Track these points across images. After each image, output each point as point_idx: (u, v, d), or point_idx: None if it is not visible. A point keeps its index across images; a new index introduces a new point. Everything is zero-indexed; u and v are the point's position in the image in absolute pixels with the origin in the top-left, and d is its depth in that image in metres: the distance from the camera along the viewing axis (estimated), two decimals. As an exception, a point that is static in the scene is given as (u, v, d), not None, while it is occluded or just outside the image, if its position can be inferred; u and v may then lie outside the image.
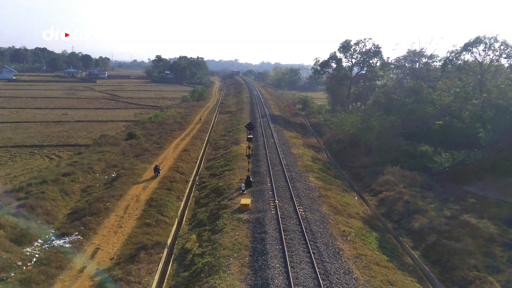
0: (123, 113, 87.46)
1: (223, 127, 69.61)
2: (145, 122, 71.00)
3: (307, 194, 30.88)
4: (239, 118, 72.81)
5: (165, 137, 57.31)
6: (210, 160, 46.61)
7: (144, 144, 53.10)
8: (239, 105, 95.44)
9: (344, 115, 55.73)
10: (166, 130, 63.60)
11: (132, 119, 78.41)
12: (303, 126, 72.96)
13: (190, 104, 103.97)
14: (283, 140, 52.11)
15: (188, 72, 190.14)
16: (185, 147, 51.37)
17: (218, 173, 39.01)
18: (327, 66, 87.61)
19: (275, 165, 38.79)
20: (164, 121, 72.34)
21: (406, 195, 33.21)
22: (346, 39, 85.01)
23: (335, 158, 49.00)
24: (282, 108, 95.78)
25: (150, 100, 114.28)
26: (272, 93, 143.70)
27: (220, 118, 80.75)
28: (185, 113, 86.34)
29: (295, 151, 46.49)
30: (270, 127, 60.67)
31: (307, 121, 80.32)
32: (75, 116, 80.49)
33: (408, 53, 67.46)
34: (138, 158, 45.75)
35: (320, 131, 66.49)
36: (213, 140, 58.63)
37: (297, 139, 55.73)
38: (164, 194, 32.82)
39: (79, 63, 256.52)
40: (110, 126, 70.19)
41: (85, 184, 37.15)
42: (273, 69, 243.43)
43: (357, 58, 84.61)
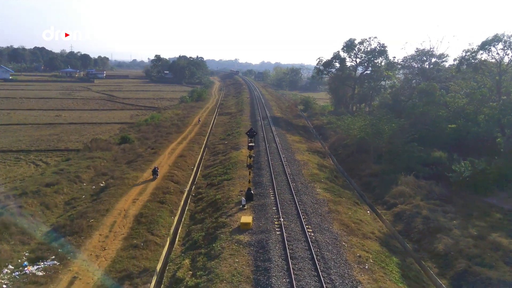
0: (119, 115, 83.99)
1: (223, 129, 66.17)
2: (141, 125, 67.57)
3: (315, 209, 27.44)
4: (239, 120, 69.38)
5: (160, 141, 53.88)
6: (208, 167, 43.17)
7: (138, 149, 49.67)
8: (239, 106, 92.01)
9: (351, 118, 52.31)
10: (162, 133, 60.17)
11: (128, 121, 74.94)
12: (306, 129, 69.52)
13: (188, 105, 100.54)
14: (286, 145, 48.69)
15: (187, 72, 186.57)
16: (182, 152, 47.95)
17: (216, 183, 35.57)
18: (330, 66, 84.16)
19: (278, 174, 35.36)
20: (160, 123, 68.92)
21: (425, 209, 29.77)
22: (350, 38, 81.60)
23: (342, 165, 45.56)
24: (283, 109, 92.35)
25: (147, 101, 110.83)
26: (273, 94, 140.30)
27: (220, 120, 77.32)
28: (183, 114, 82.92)
29: (299, 158, 43.05)
30: (272, 130, 57.24)
31: (310, 123, 76.90)
32: (69, 118, 77.01)
33: (416, 52, 64.04)
34: (130, 165, 42.32)
35: (324, 134, 63.05)
36: (212, 144, 55.20)
37: (301, 143, 52.29)
38: (155, 208, 29.39)
39: (78, 62, 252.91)
40: (104, 129, 66.72)
41: (70, 195, 33.71)
42: (274, 69, 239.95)
43: (361, 58, 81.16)
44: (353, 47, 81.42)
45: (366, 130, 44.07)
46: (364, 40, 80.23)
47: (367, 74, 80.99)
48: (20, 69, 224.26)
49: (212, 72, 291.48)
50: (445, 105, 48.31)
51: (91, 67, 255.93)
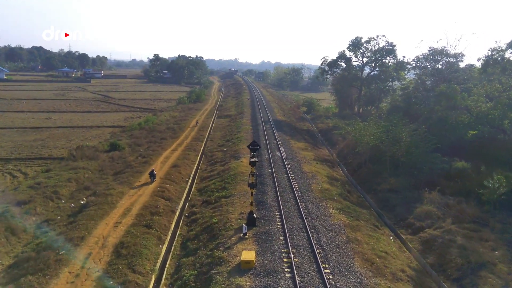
0: (112, 117, 79.18)
1: (221, 134, 61.38)
2: (134, 129, 62.72)
3: (332, 239, 22.68)
4: (239, 124, 64.61)
5: (153, 148, 49.09)
6: (204, 179, 38.39)
7: (128, 157, 44.91)
8: (239, 108, 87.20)
9: (362, 123, 47.59)
10: (156, 138, 55.38)
11: (121, 125, 70.15)
12: (310, 133, 64.72)
13: (186, 106, 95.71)
14: (291, 153, 43.92)
15: (186, 71, 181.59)
16: (176, 161, 43.17)
17: (213, 201, 30.80)
18: (335, 66, 79.41)
19: (284, 190, 30.60)
20: (155, 127, 64.12)
21: (458, 236, 25.04)
22: (357, 36, 76.95)
23: (353, 176, 40.79)
24: (285, 111, 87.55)
25: (144, 102, 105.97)
26: (274, 94, 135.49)
27: (218, 123, 72.52)
28: (180, 117, 78.14)
29: (307, 169, 38.27)
30: (275, 136, 52.48)
31: (314, 126, 72.12)
32: (58, 120, 72.22)
33: (430, 51, 59.28)
34: (117, 177, 37.55)
35: (331, 139, 58.27)
36: (209, 151, 50.42)
37: (307, 151, 47.52)
38: (140, 235, 24.62)
39: (75, 62, 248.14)
40: (94, 133, 61.90)
41: (44, 216, 28.97)
42: (274, 68, 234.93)
43: (368, 57, 76.44)
44: (360, 46, 76.75)
45: (381, 137, 39.24)
46: (372, 39, 75.59)
47: (374, 74, 76.24)
48: (17, 69, 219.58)
49: (212, 72, 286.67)
50: (466, 109, 43.56)
51: (89, 67, 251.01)
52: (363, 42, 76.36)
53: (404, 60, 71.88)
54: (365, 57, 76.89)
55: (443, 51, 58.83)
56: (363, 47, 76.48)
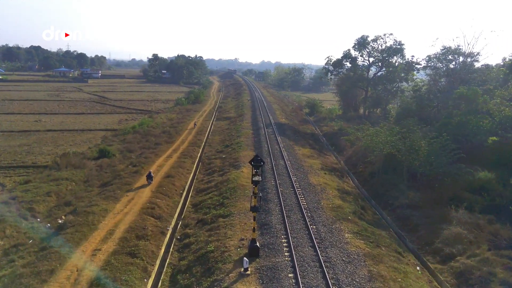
0: (106, 119, 75.17)
1: (220, 139, 57.36)
2: (127, 133, 58.71)
3: (351, 276, 18.68)
4: (239, 128, 60.59)
5: (146, 155, 45.06)
6: (200, 192, 34.37)
7: (118, 166, 40.93)
8: (239, 110, 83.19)
9: (374, 129, 43.63)
10: (150, 143, 51.38)
11: (114, 128, 66.14)
12: (315, 138, 60.70)
13: (184, 108, 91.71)
14: (296, 162, 39.91)
15: (185, 71, 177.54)
16: (170, 170, 39.15)
17: (209, 220, 26.79)
18: (340, 66, 75.38)
19: (291, 209, 26.59)
20: (149, 131, 60.08)
21: (498, 267, 21.04)
22: (363, 35, 72.93)
23: (365, 187, 36.79)
24: (287, 113, 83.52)
25: (140, 103, 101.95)
26: (275, 95, 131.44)
27: (217, 126, 68.51)
28: (177, 119, 74.13)
29: (315, 180, 34.25)
30: (278, 141, 48.46)
31: (318, 130, 68.10)
32: (49, 123, 68.20)
33: (443, 50, 55.24)
34: (103, 190, 33.54)
35: (338, 145, 54.27)
36: (207, 158, 46.40)
37: (313, 158, 43.50)
38: (122, 268, 20.61)
39: (73, 62, 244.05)
40: (85, 137, 57.89)
41: (13, 240, 24.88)
42: (275, 68, 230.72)
43: (375, 57, 72.42)
44: (366, 45, 72.72)
45: (396, 145, 35.16)
46: (378, 37, 71.60)
47: (381, 75, 72.22)
48: (14, 69, 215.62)
49: (212, 71, 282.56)
50: (487, 114, 39.57)
51: (87, 67, 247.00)
52: (369, 41, 72.38)
53: (413, 60, 67.88)
54: (371, 56, 72.92)
55: (456, 50, 54.82)
56: (369, 46, 72.50)
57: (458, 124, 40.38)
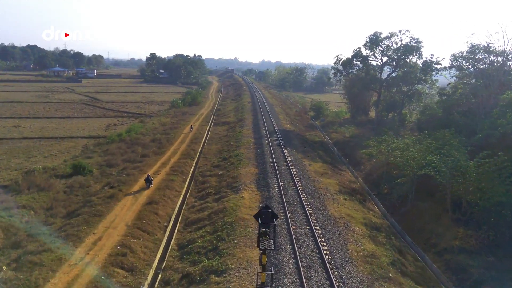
0: (92, 124, 67.81)
1: (217, 148, 49.99)
2: (112, 141, 51.36)
3: None
4: (239, 135, 53.21)
5: (129, 171, 37.71)
6: (189, 226, 27.00)
7: (93, 187, 33.58)
8: (239, 113, 75.79)
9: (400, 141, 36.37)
10: (135, 155, 44.05)
11: (100, 134, 58.80)
12: (325, 147, 53.32)
13: (179, 111, 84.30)
14: (309, 182, 32.54)
15: (183, 71, 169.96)
16: (154, 193, 31.83)
17: (197, 277, 19.37)
18: (350, 66, 67.96)
19: (311, 263, 19.14)
20: (138, 139, 52.70)
21: None
22: (375, 32, 65.42)
23: (395, 217, 29.41)
24: (292, 117, 76.14)
25: (133, 105, 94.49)
26: (277, 96, 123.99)
27: (215, 133, 61.12)
28: (171, 124, 66.78)
29: (334, 211, 26.89)
30: (284, 154, 41.07)
31: (327, 137, 60.70)
32: (27, 129, 60.83)
33: (471, 48, 47.81)
34: (66, 222, 26.23)
35: (352, 156, 46.97)
36: (201, 174, 38.99)
37: (327, 176, 36.13)
38: None
39: (70, 61, 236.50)
40: (64, 147, 50.52)
41: None
42: (276, 68, 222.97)
43: (389, 56, 64.99)
44: (379, 42, 65.27)
45: (438, 165, 27.61)
46: (393, 34, 64.07)
47: (396, 75, 64.79)
48: (8, 68, 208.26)
49: (211, 71, 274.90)
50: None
51: (84, 66, 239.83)
52: (382, 38, 64.91)
53: (432, 59, 60.40)
54: (385, 55, 65.45)
55: (487, 48, 47.30)
56: (383, 44, 65.05)
57: (503, 135, 33.04)
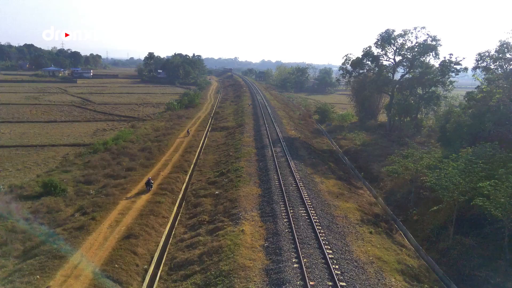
0: (79, 129, 61.85)
1: (214, 159, 44.06)
2: (96, 151, 45.44)
3: None
4: (239, 144, 47.30)
5: (109, 190, 31.78)
6: (175, 271, 21.00)
7: (63, 211, 27.79)
8: (239, 117, 69.86)
9: (430, 156, 30.52)
10: (120, 169, 38.17)
11: (85, 141, 52.86)
12: (335, 157, 47.43)
13: (176, 113, 78.39)
14: (323, 208, 26.57)
15: (181, 71, 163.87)
16: (135, 222, 25.90)
17: None
18: (361, 66, 62.02)
19: None
20: (126, 147, 46.75)
21: None
22: (387, 29, 59.68)
23: (433, 256, 23.42)
24: (296, 121, 70.16)
25: (127, 108, 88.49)
26: (278, 98, 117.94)
27: (212, 140, 55.17)
28: (165, 129, 60.87)
29: (360, 252, 20.91)
30: (291, 169, 35.10)
31: (335, 144, 54.71)
32: (6, 135, 54.84)
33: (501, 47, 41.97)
34: (19, 268, 20.32)
35: (366, 168, 41.04)
36: (194, 193, 33.01)
37: (344, 198, 30.14)
38: None
39: (66, 61, 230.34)
40: (42, 157, 44.56)
41: None
42: (277, 68, 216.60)
43: (404, 56, 59.06)
44: (391, 40, 59.36)
45: (493, 196, 21.43)
46: (407, 32, 58.17)
47: (411, 77, 58.82)
48: (2, 67, 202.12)
49: (210, 71, 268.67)
50: None
51: (81, 66, 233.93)
52: (395, 36, 59.01)
53: (451, 59, 54.49)
54: (398, 54, 59.50)
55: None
56: (395, 42, 59.13)
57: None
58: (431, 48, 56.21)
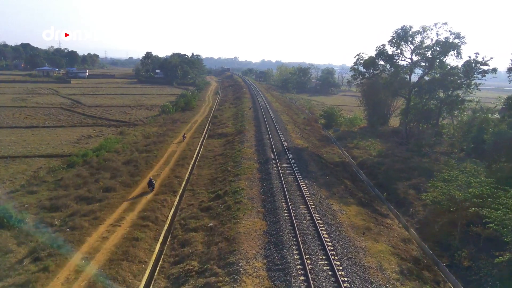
0: (62, 136, 55.29)
1: (210, 175, 37.50)
2: (73, 163, 38.95)
3: None
4: (239, 157, 40.75)
5: (78, 220, 25.31)
6: None
7: (13, 254, 21.23)
8: (239, 122, 63.33)
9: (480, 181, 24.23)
10: (98, 188, 31.65)
11: (65, 152, 46.33)
12: (349, 171, 40.87)
13: (170, 118, 71.88)
14: (351, 257, 19.96)
15: (179, 71, 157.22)
16: (102, 271, 19.39)
17: None
18: (374, 66, 55.46)
19: None
20: (108, 160, 40.22)
21: None
22: (404, 25, 52.98)
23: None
24: (301, 128, 63.58)
25: (119, 110, 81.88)
26: (280, 99, 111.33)
27: (208, 149, 48.63)
28: (156, 136, 54.39)
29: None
30: (302, 191, 28.57)
31: (347, 155, 48.09)
32: (-24, 144, 48.39)
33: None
34: None
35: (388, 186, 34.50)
36: (182, 225, 26.44)
37: (371, 235, 23.59)
38: None
39: (62, 60, 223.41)
40: (10, 172, 37.93)
41: None
42: (277, 68, 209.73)
43: (423, 55, 52.52)
44: (408, 38, 52.86)
45: None
46: (427, 28, 51.67)
47: (433, 79, 52.28)
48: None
49: (210, 71, 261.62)
50: None
51: (77, 65, 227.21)
52: (413, 33, 52.49)
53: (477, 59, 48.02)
54: (416, 54, 52.98)
55: None
56: (413, 40, 52.61)
57: None
58: (454, 46, 49.70)
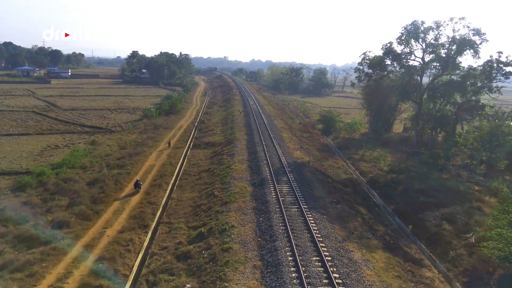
0: (25, 146, 47.44)
1: (193, 200, 30.22)
2: (24, 185, 31.29)
3: None
4: (228, 173, 33.57)
5: (1, 279, 17.94)
6: None
7: None
8: (228, 129, 56.12)
9: None
10: (44, 225, 24.17)
11: (22, 167, 38.61)
12: (362, 194, 34.00)
13: (152, 122, 64.32)
14: None
15: (166, 71, 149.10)
16: None
17: None
18: (381, 67, 48.79)
19: None
20: (68, 180, 32.64)
21: None
22: (414, 21, 46.56)
23: None
24: (298, 135, 56.63)
25: (98, 114, 73.89)
26: (273, 101, 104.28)
27: (193, 163, 41.35)
28: (134, 146, 46.94)
29: None
30: (311, 230, 21.60)
31: (353, 169, 41.25)
32: None
33: None
34: None
35: (415, 218, 27.76)
36: (150, 283, 19.22)
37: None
38: None
39: (45, 59, 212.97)
40: None
41: None
42: (269, 68, 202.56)
43: (437, 54, 46.04)
44: (419, 35, 46.36)
45: None
46: (440, 24, 45.24)
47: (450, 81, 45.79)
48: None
49: (199, 71, 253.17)
50: None
51: (61, 65, 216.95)
52: (425, 30, 46.01)
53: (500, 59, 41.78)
54: (428, 53, 46.48)
55: None
56: (425, 37, 46.14)
57: None
58: (472, 44, 43.33)
